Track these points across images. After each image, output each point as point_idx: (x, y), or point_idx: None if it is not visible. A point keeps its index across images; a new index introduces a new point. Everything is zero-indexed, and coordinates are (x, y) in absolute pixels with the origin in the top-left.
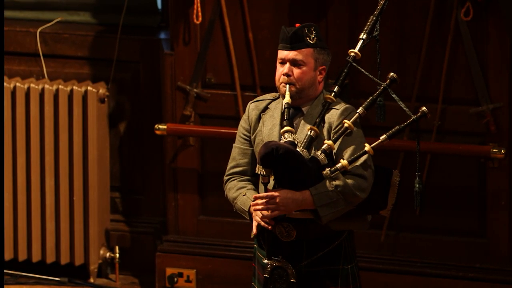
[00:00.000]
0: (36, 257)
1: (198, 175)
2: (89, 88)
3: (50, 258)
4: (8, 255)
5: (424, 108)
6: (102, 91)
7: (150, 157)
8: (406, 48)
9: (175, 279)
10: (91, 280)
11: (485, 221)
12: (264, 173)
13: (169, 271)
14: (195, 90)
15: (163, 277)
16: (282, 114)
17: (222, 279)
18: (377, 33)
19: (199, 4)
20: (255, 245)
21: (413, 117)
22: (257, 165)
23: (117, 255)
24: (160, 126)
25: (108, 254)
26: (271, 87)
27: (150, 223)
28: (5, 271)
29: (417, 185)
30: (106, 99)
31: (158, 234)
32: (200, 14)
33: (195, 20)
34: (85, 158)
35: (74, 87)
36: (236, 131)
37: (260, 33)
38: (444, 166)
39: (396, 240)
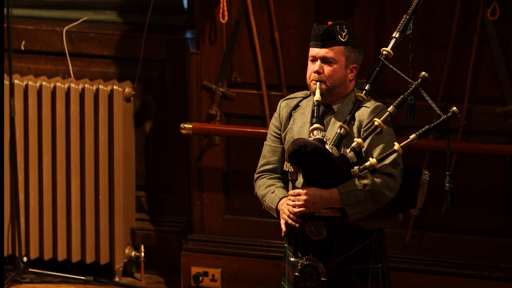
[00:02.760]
0: (61, 256)
1: (223, 174)
2: (115, 87)
3: (76, 257)
4: (33, 254)
5: (454, 108)
6: (128, 90)
7: (175, 156)
8: (432, 47)
9: (200, 278)
10: (116, 279)
11: (511, 221)
12: (292, 170)
13: (194, 270)
14: (220, 89)
15: (188, 276)
16: (312, 111)
17: (247, 278)
18: (410, 32)
19: (225, 4)
20: (285, 244)
21: (444, 117)
22: (285, 162)
23: (143, 254)
24: (186, 125)
25: (133, 253)
26: (296, 86)
27: (175, 222)
28: (31, 269)
29: (447, 184)
30: (132, 98)
31: (184, 233)
32: (226, 13)
33: (221, 19)
34: (111, 157)
35: (100, 86)
36: (261, 130)
37: (286, 32)
38: (470, 165)
39: (421, 240)
